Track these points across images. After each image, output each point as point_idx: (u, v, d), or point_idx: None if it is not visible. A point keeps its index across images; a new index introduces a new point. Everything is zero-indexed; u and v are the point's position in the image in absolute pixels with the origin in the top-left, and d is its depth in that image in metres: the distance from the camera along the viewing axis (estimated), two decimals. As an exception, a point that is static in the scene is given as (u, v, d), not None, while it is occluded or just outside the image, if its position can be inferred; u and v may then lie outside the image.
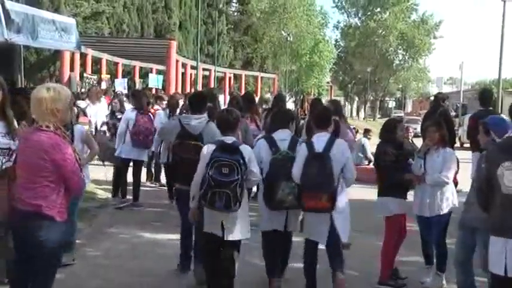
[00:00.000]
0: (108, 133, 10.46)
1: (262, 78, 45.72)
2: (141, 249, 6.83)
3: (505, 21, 26.26)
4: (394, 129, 6.04)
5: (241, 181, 4.79)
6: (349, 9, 66.22)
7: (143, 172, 10.24)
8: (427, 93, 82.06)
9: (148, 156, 9.86)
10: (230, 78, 40.09)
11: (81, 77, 23.27)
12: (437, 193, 5.72)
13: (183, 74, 31.41)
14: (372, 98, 70.73)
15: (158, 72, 30.85)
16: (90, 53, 24.95)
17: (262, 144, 5.58)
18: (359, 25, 65.42)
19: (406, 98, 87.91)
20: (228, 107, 7.69)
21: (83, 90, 18.32)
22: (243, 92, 21.22)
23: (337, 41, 68.21)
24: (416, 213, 5.90)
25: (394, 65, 66.83)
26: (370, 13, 63.75)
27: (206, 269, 5.23)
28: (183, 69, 31.15)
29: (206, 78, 37.47)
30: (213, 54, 38.15)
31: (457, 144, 13.45)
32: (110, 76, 26.79)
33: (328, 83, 64.69)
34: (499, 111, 14.62)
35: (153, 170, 11.02)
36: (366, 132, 14.86)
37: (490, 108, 9.05)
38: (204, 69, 34.76)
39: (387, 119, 8.02)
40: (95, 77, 23.72)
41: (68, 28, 8.77)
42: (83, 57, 24.46)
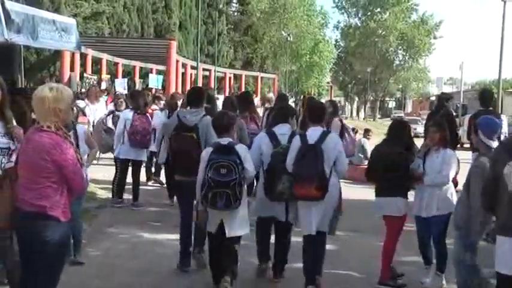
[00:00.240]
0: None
1: (262, 78, 45.71)
2: (141, 248, 6.83)
3: (505, 22, 26.23)
4: (404, 130, 6.03)
5: (240, 180, 4.99)
6: (349, 10, 66.24)
7: (143, 172, 10.23)
8: (427, 94, 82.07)
9: (147, 156, 9.85)
10: (230, 79, 40.09)
11: (82, 77, 23.26)
12: (435, 194, 5.70)
13: (183, 74, 31.40)
14: (372, 98, 70.74)
15: (158, 72, 30.84)
16: (90, 53, 24.94)
17: (263, 137, 5.77)
18: (359, 25, 65.44)
19: (406, 98, 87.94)
20: (222, 108, 7.80)
21: (83, 90, 18.31)
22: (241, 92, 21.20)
23: (337, 41, 68.34)
24: (415, 213, 5.90)
25: (394, 65, 66.84)
26: (370, 13, 63.75)
27: (211, 265, 5.42)
28: (183, 69, 31.14)
29: (206, 79, 37.47)
30: (213, 54, 38.18)
31: (457, 144, 13.41)
32: (110, 76, 26.77)
33: (328, 83, 64.72)
34: (499, 112, 14.60)
35: (153, 169, 11.01)
36: (366, 132, 14.87)
37: (490, 108, 9.03)
38: (204, 70, 34.75)
39: (395, 119, 7.98)
40: (95, 77, 23.71)
41: (68, 28, 8.77)
42: (83, 57, 24.46)
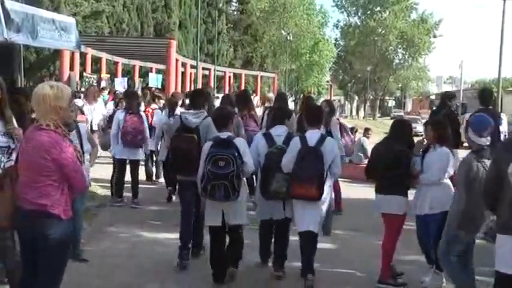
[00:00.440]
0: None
1: (262, 77, 45.69)
2: (141, 248, 6.84)
3: (504, 20, 26.26)
4: (405, 129, 6.02)
5: (238, 172, 5.21)
6: (349, 8, 66.28)
7: (142, 171, 10.23)
8: (427, 92, 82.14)
9: (145, 155, 9.85)
10: (230, 78, 40.08)
11: (81, 76, 23.26)
12: (429, 192, 5.67)
13: (183, 73, 31.39)
14: (372, 97, 70.76)
15: (158, 71, 30.84)
16: (90, 52, 24.93)
17: (259, 139, 5.97)
18: (359, 24, 65.47)
19: (405, 97, 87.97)
20: (221, 105, 7.87)
21: (82, 89, 18.31)
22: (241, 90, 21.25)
23: (337, 40, 68.40)
24: (412, 211, 5.88)
25: (394, 64, 66.88)
26: (370, 12, 63.78)
27: (212, 261, 5.59)
28: (183, 68, 31.14)
29: (206, 78, 37.47)
30: (212, 53, 38.17)
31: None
32: (109, 75, 26.77)
33: (328, 82, 64.73)
34: (499, 110, 14.60)
35: (154, 169, 11.02)
36: (366, 131, 14.87)
37: (490, 107, 9.02)
38: (203, 69, 34.75)
39: (397, 118, 7.99)
40: (94, 76, 23.71)
41: (68, 27, 8.75)
42: (83, 56, 24.44)
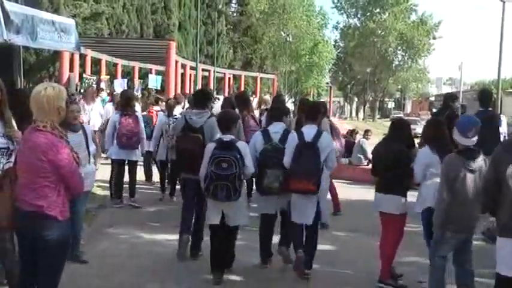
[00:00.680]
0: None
1: (261, 78, 45.69)
2: (140, 248, 6.84)
3: (504, 22, 26.25)
4: (404, 129, 6.01)
5: (239, 173, 5.40)
6: (349, 10, 66.31)
7: (142, 172, 10.24)
8: (427, 94, 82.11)
9: (144, 155, 9.85)
10: (229, 79, 40.08)
11: (81, 77, 23.26)
12: (418, 191, 5.70)
13: (183, 75, 31.41)
14: (371, 98, 70.79)
15: (157, 72, 30.83)
16: (90, 53, 24.94)
17: (257, 136, 6.14)
18: (358, 26, 65.50)
19: (405, 98, 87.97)
20: (222, 107, 8.11)
21: (82, 91, 18.34)
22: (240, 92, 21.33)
23: (337, 41, 68.40)
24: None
25: (394, 65, 66.88)
26: (369, 14, 63.81)
27: (212, 256, 5.76)
28: (183, 69, 31.15)
29: (206, 79, 37.48)
30: (212, 54, 38.16)
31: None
32: (109, 77, 26.76)
33: (327, 83, 64.70)
34: (499, 112, 14.59)
35: (154, 168, 11.02)
36: (365, 132, 14.89)
37: (490, 108, 9.01)
38: (203, 70, 34.77)
39: (396, 118, 7.97)
40: (94, 77, 23.71)
41: (68, 29, 8.76)
42: (83, 57, 24.44)
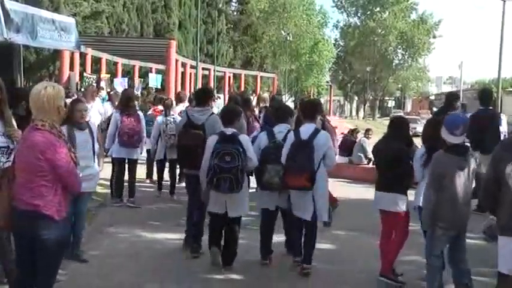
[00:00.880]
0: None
1: (261, 77, 45.68)
2: (140, 248, 6.83)
3: (504, 21, 26.25)
4: (403, 126, 6.01)
5: (242, 166, 5.57)
6: (349, 9, 66.29)
7: (142, 170, 10.24)
8: (427, 93, 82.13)
9: (147, 154, 9.86)
10: (230, 78, 40.08)
11: (82, 76, 23.26)
12: (416, 189, 5.72)
13: (183, 74, 31.40)
14: (372, 97, 70.75)
15: (158, 71, 30.84)
16: (90, 52, 24.94)
17: (263, 135, 6.31)
18: (358, 24, 65.47)
19: (405, 97, 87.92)
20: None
21: (82, 90, 18.32)
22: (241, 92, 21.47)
23: (337, 40, 68.40)
24: None
25: (394, 64, 66.85)
26: (369, 12, 63.78)
27: (210, 240, 5.96)
28: (183, 68, 31.14)
29: (206, 78, 37.47)
30: (212, 53, 38.16)
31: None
32: (109, 76, 26.76)
33: (327, 82, 64.68)
34: (499, 111, 14.60)
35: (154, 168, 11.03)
36: (366, 132, 14.88)
37: (490, 107, 9.01)
38: (203, 69, 34.75)
39: (395, 116, 7.94)
40: (94, 76, 23.70)
41: (68, 27, 8.76)
42: (83, 56, 24.45)
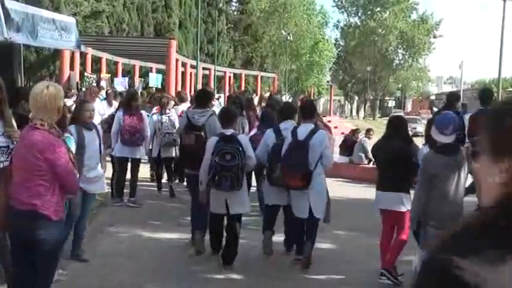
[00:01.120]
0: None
1: (262, 77, 45.65)
2: (141, 248, 6.83)
3: (504, 21, 26.23)
4: (402, 125, 6.04)
5: (242, 165, 5.73)
6: (349, 9, 66.27)
7: (146, 170, 10.25)
8: (427, 93, 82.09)
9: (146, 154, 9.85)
10: (230, 78, 40.06)
11: (82, 76, 23.25)
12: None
13: (183, 73, 31.37)
14: (372, 97, 70.75)
15: (158, 71, 30.83)
16: (90, 52, 24.92)
17: (270, 133, 6.45)
18: (359, 24, 65.46)
19: (405, 97, 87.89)
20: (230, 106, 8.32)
21: (83, 89, 18.31)
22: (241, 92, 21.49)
23: (337, 40, 68.40)
24: None
25: (394, 64, 66.85)
26: (370, 12, 63.78)
27: (211, 234, 6.16)
28: (183, 68, 31.12)
29: (206, 78, 37.46)
30: (213, 53, 38.14)
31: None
32: (110, 75, 26.75)
33: (328, 82, 64.72)
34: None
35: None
36: (367, 132, 14.91)
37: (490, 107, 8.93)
38: (203, 69, 34.73)
39: (394, 115, 7.97)
40: (94, 76, 23.70)
41: (68, 27, 8.77)
42: (83, 56, 24.43)
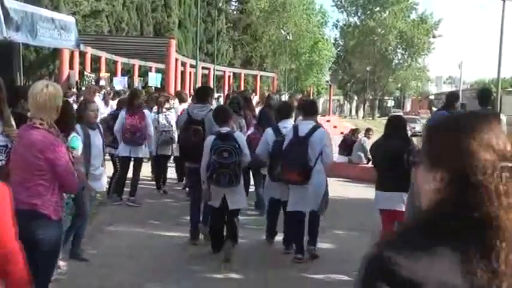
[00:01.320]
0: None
1: (261, 77, 45.71)
2: (140, 247, 6.82)
3: (504, 21, 26.22)
4: (401, 125, 6.10)
5: (239, 162, 5.94)
6: (349, 8, 66.32)
7: (147, 169, 10.25)
8: (426, 93, 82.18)
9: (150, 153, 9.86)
10: (229, 77, 40.10)
11: (82, 75, 23.26)
12: None
13: (183, 73, 31.42)
14: (371, 97, 70.80)
15: (157, 70, 30.84)
16: (90, 51, 24.94)
17: (269, 131, 6.63)
18: (358, 24, 65.51)
19: (405, 97, 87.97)
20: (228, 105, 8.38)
21: (83, 88, 18.32)
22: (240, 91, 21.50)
23: (337, 39, 68.46)
24: None
25: (393, 64, 66.91)
26: (369, 12, 63.83)
27: (211, 234, 6.30)
28: (183, 67, 31.17)
29: (205, 77, 37.48)
30: (212, 53, 38.16)
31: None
32: (109, 74, 26.76)
33: (327, 81, 64.75)
34: (498, 111, 14.61)
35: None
36: (367, 131, 14.91)
37: (489, 107, 8.99)
38: (203, 68, 34.77)
39: (392, 115, 8.02)
40: (93, 75, 23.70)
41: (67, 26, 8.76)
42: (82, 55, 24.45)
